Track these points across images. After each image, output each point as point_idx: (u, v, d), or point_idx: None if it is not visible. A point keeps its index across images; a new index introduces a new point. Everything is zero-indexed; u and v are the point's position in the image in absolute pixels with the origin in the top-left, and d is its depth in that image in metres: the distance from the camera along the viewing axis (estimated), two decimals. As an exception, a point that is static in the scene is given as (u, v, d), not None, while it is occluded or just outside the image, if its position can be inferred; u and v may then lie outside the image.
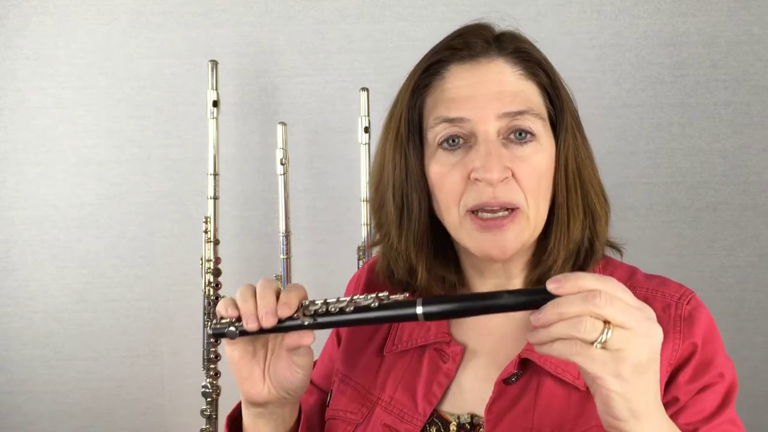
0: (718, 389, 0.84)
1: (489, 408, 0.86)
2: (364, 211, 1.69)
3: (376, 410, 0.93)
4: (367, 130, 1.68)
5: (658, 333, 0.70)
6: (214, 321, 0.84)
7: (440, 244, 0.94)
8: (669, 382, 0.84)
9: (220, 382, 1.68)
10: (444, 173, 0.87)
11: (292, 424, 0.95)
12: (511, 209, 0.85)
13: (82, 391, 1.84)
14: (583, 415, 0.82)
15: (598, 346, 0.67)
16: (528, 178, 0.86)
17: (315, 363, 1.05)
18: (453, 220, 0.88)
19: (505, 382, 0.87)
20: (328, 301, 0.82)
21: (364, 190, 1.69)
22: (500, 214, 0.85)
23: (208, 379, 1.67)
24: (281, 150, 1.69)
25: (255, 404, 0.89)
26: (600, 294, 0.68)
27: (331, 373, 1.03)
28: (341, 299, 0.82)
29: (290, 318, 0.81)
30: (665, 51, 1.79)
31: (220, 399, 1.68)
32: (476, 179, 0.85)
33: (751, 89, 1.78)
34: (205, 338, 1.67)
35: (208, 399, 1.67)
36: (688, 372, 0.84)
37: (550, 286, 0.70)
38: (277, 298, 0.83)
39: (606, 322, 0.67)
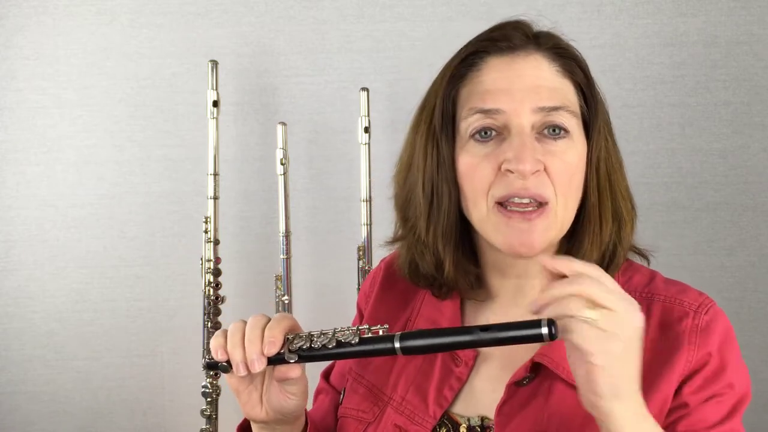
0: (725, 400, 0.84)
1: (499, 409, 0.87)
2: (364, 211, 1.69)
3: (387, 410, 0.93)
4: (367, 130, 1.68)
5: (638, 318, 0.73)
6: (209, 355, 0.87)
7: (467, 241, 0.94)
8: (677, 391, 0.84)
9: (220, 382, 1.68)
10: (474, 164, 0.86)
11: (300, 430, 0.96)
12: (540, 204, 0.85)
13: (82, 391, 1.84)
14: (592, 420, 0.81)
15: (585, 323, 0.72)
16: (560, 174, 0.85)
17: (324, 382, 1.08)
18: (480, 213, 0.87)
19: (516, 384, 0.87)
20: (312, 335, 0.85)
21: (364, 190, 1.69)
22: (529, 208, 0.85)
23: (208, 379, 1.67)
24: (281, 150, 1.69)
25: (255, 422, 0.92)
26: (585, 276, 0.73)
27: (345, 372, 1.04)
28: (325, 332, 0.84)
29: (277, 354, 0.84)
30: (665, 51, 1.79)
31: (220, 399, 1.68)
32: (508, 170, 0.84)
33: (751, 89, 1.78)
34: (205, 338, 1.68)
35: (208, 399, 1.67)
36: (697, 381, 0.84)
37: (546, 262, 0.77)
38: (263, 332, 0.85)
39: (594, 304, 0.72)
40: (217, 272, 1.67)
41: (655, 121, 1.79)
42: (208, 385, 1.67)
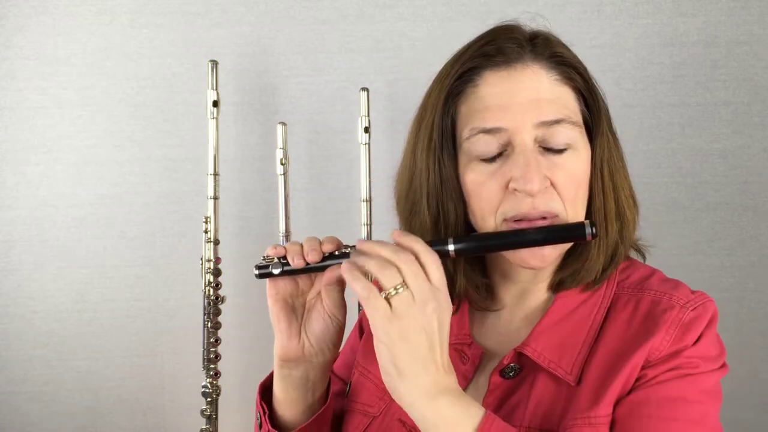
0: (688, 380, 0.81)
1: (484, 401, 0.87)
2: (364, 211, 1.69)
3: (393, 405, 0.93)
4: (367, 130, 1.68)
5: (436, 316, 0.76)
6: (261, 259, 0.90)
7: None
8: (642, 368, 0.82)
9: (220, 382, 1.68)
10: (481, 182, 0.86)
11: (321, 394, 0.96)
12: (549, 216, 0.85)
13: (82, 391, 1.84)
14: (570, 410, 0.82)
15: (384, 295, 0.76)
16: (567, 186, 0.85)
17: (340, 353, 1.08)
18: (489, 228, 0.87)
19: (502, 375, 0.88)
20: None
21: (364, 190, 1.69)
22: (539, 223, 0.85)
23: (208, 379, 1.67)
24: (281, 150, 1.69)
25: (288, 362, 0.92)
26: (413, 256, 0.77)
27: (351, 364, 1.04)
28: None
29: (332, 256, 0.87)
30: (665, 51, 1.79)
31: (220, 399, 1.69)
32: (515, 189, 0.84)
33: (751, 89, 1.78)
34: (205, 338, 1.67)
35: (208, 399, 1.67)
36: (662, 366, 0.82)
37: (396, 235, 0.81)
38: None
39: (405, 284, 0.76)
40: (217, 272, 1.67)
41: (655, 121, 1.79)
42: (208, 385, 1.67)
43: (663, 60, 1.78)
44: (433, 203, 0.90)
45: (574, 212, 0.86)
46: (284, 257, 0.88)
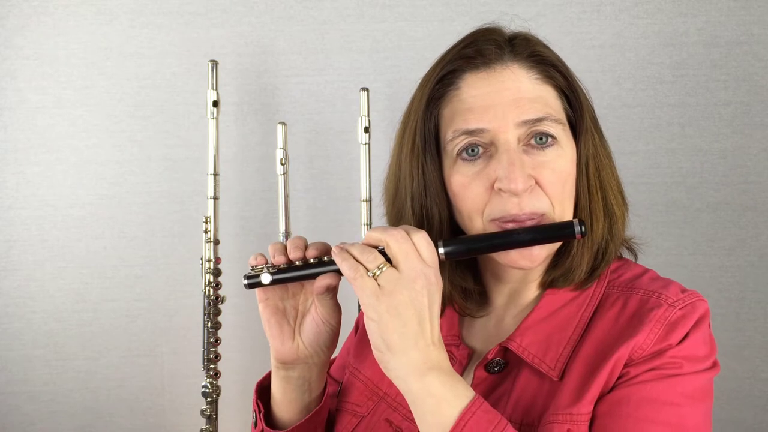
0: (671, 380, 0.80)
1: None
2: (364, 211, 1.69)
3: (381, 405, 0.94)
4: (367, 130, 1.68)
5: (426, 292, 0.78)
6: (248, 271, 0.89)
7: None
8: (625, 365, 0.81)
9: (220, 382, 1.68)
10: (466, 184, 0.86)
11: (318, 394, 0.97)
12: (537, 216, 0.85)
13: (82, 391, 1.84)
14: (551, 406, 0.82)
15: (371, 275, 0.78)
16: (553, 185, 0.85)
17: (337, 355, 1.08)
18: (476, 229, 0.87)
19: (486, 369, 0.88)
20: None
21: (364, 190, 1.69)
22: (528, 223, 0.85)
23: (208, 379, 1.67)
24: (281, 150, 1.69)
25: (284, 364, 0.93)
26: (405, 233, 0.79)
27: (345, 365, 1.05)
28: None
29: (321, 263, 0.87)
30: (665, 51, 1.79)
31: (220, 399, 1.69)
32: (500, 189, 0.84)
33: (751, 89, 1.77)
34: (205, 338, 1.67)
35: (208, 399, 1.67)
36: (645, 365, 0.81)
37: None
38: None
39: (388, 262, 0.79)
40: (217, 272, 1.67)
41: (655, 121, 1.79)
42: (208, 385, 1.67)
43: (663, 60, 1.78)
44: (418, 207, 0.91)
45: (562, 210, 0.86)
46: (273, 266, 0.88)
